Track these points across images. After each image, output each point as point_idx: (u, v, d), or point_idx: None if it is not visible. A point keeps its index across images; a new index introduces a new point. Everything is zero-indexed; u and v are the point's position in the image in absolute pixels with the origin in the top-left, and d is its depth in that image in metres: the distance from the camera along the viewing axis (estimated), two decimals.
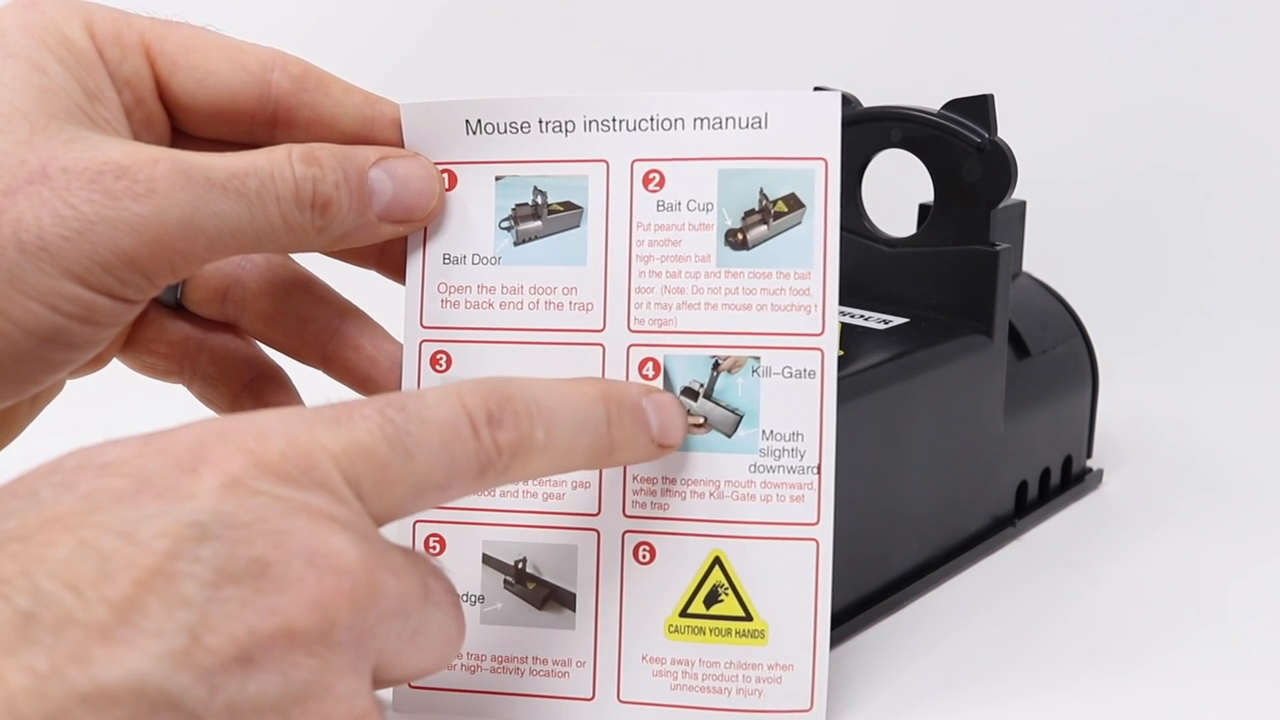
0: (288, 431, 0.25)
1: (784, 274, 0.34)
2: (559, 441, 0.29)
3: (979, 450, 0.45)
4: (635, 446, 0.32)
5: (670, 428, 0.33)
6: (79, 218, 0.29)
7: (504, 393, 0.28)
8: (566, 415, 0.29)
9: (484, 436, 0.27)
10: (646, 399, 0.32)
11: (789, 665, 0.34)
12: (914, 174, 0.46)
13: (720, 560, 0.34)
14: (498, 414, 0.28)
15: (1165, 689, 0.37)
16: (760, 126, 0.34)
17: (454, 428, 0.27)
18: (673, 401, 0.33)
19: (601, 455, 0.31)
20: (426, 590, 0.26)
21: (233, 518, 0.23)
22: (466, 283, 0.35)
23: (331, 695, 0.23)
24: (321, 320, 0.38)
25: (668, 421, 0.32)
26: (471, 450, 0.27)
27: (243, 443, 0.24)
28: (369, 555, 0.24)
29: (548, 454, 0.29)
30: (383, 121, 0.34)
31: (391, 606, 0.25)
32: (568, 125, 0.34)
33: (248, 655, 0.22)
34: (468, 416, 0.27)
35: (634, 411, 0.32)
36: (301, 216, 0.32)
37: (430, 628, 0.26)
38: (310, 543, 0.23)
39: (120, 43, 0.32)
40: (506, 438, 0.28)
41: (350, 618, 0.23)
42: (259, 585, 0.22)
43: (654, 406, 0.32)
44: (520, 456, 0.28)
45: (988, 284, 0.45)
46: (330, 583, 0.23)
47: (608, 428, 0.31)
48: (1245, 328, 0.69)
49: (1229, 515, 0.49)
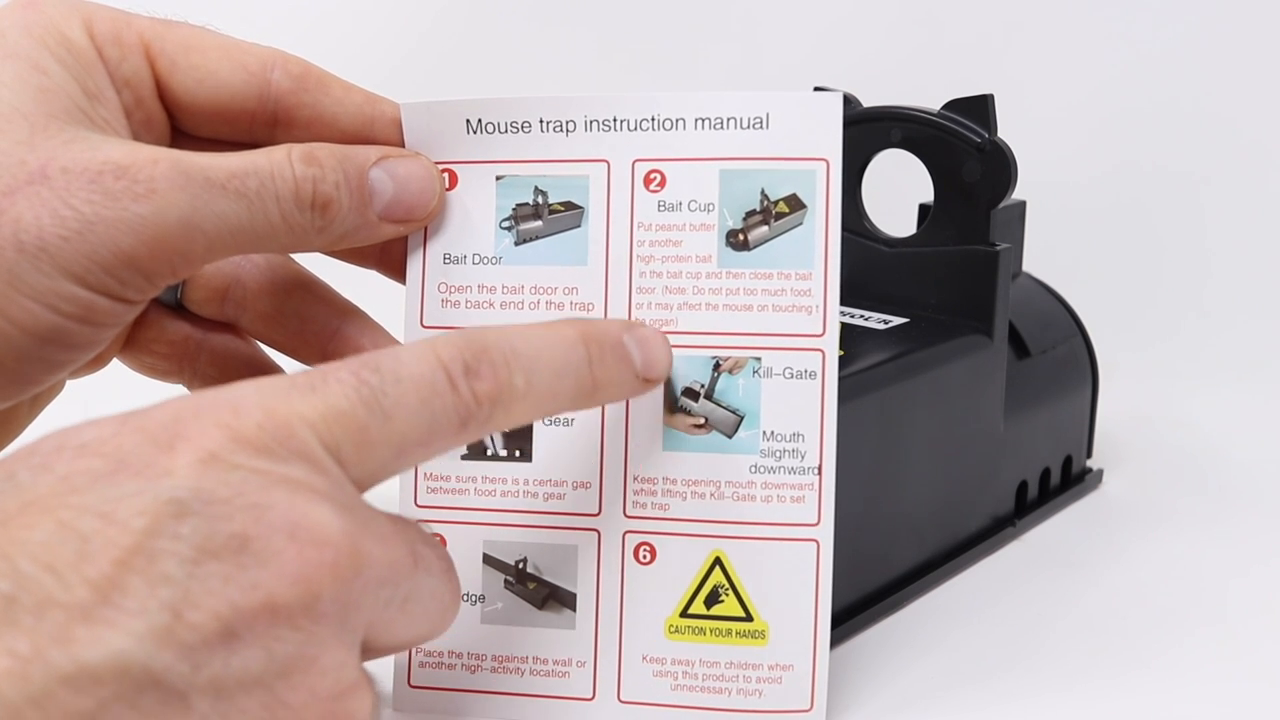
0: (264, 403, 0.25)
1: (785, 275, 0.34)
2: (540, 386, 0.29)
3: (979, 450, 0.45)
4: (620, 384, 0.31)
5: (654, 361, 0.32)
6: (79, 218, 0.29)
7: (480, 343, 0.28)
8: (546, 360, 0.29)
9: (462, 389, 0.27)
10: (627, 334, 0.31)
11: (789, 665, 0.34)
12: (914, 174, 0.46)
13: (721, 561, 0.34)
14: (474, 365, 0.27)
15: (1165, 689, 0.37)
16: (761, 127, 0.34)
17: (431, 383, 0.27)
18: (655, 334, 0.32)
19: (585, 396, 0.30)
20: (416, 557, 0.26)
21: (211, 493, 0.23)
22: (467, 282, 0.35)
23: (317, 668, 0.23)
24: (322, 320, 0.38)
25: (651, 355, 0.32)
26: (450, 404, 0.27)
27: (219, 417, 0.24)
28: (352, 525, 0.24)
29: (529, 400, 0.28)
30: (383, 121, 0.34)
31: (378, 576, 0.24)
32: (569, 125, 0.34)
33: (230, 631, 0.22)
34: (444, 370, 0.27)
35: (615, 348, 0.31)
36: (302, 216, 0.32)
37: (422, 594, 0.26)
38: (291, 516, 0.23)
39: (120, 42, 0.32)
40: (485, 388, 0.27)
41: (334, 589, 0.23)
42: (240, 560, 0.22)
43: (636, 341, 0.32)
44: (502, 405, 0.28)
45: (988, 284, 0.45)
46: (312, 555, 0.23)
47: (590, 368, 0.30)
48: (1245, 327, 0.69)
49: (1229, 515, 0.49)
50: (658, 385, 0.33)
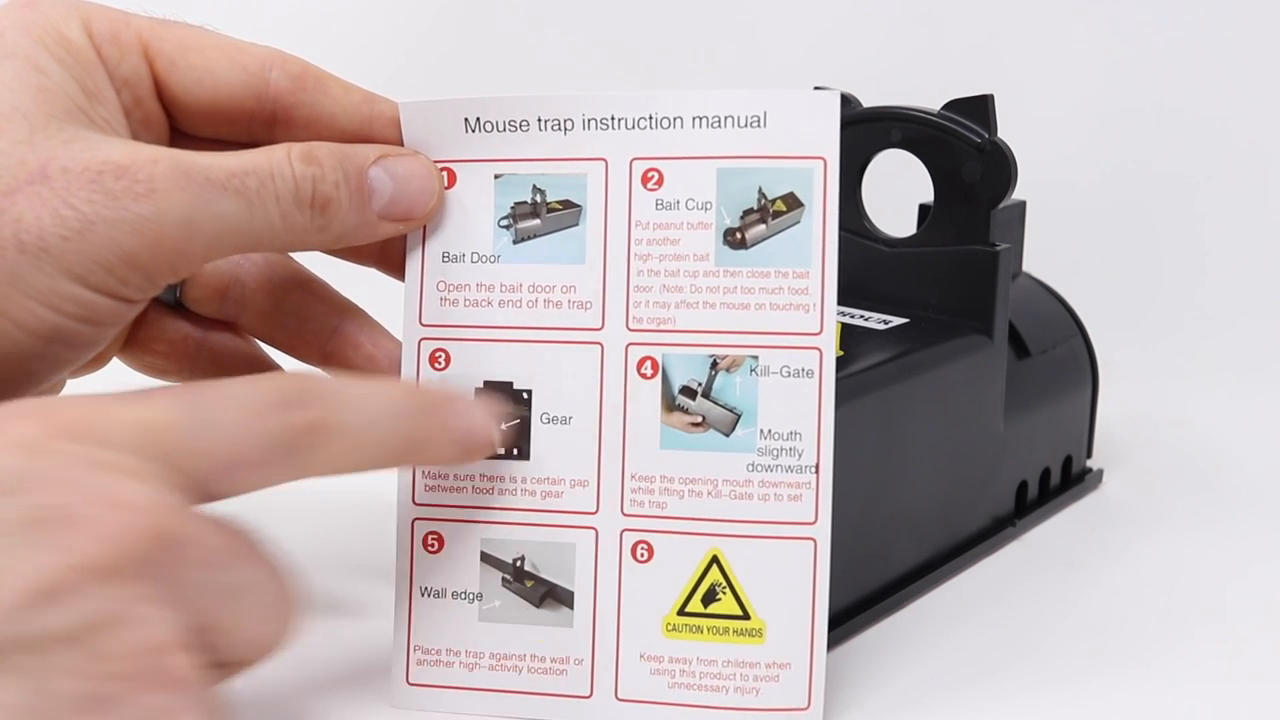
0: (85, 403, 0.26)
1: (782, 273, 0.34)
2: (364, 429, 0.29)
3: (979, 450, 0.45)
4: (443, 443, 0.32)
5: (477, 430, 0.32)
6: (79, 218, 0.29)
7: (308, 379, 0.29)
8: (370, 404, 0.30)
9: (290, 415, 0.28)
10: (456, 401, 0.32)
11: (786, 664, 0.34)
12: (914, 174, 0.46)
13: (718, 559, 0.34)
14: (303, 397, 0.28)
15: (1165, 689, 0.37)
16: (759, 125, 0.34)
17: (254, 404, 0.27)
18: (480, 406, 0.33)
19: (409, 448, 0.31)
20: (245, 548, 0.26)
21: (25, 472, 0.24)
22: (465, 281, 0.35)
23: (132, 622, 0.23)
24: (321, 318, 0.38)
25: (475, 424, 0.32)
26: (276, 427, 0.27)
27: (40, 412, 0.25)
28: (167, 501, 0.25)
29: (353, 440, 0.29)
30: (382, 120, 0.34)
31: (197, 554, 0.25)
32: (566, 124, 0.34)
33: (44, 591, 0.23)
34: (269, 396, 0.28)
35: (441, 408, 0.32)
36: (301, 216, 0.32)
37: (255, 589, 0.26)
38: (105, 488, 0.24)
39: (118, 42, 0.32)
40: (310, 418, 0.28)
41: (147, 550, 0.24)
42: (53, 527, 0.23)
43: (462, 409, 0.32)
44: (324, 435, 0.28)
45: (988, 284, 0.45)
46: (125, 518, 0.24)
47: (414, 421, 0.31)
48: (1246, 327, 0.69)
49: (1229, 515, 0.49)
50: (486, 455, 0.33)
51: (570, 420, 0.35)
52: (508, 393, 0.35)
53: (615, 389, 0.34)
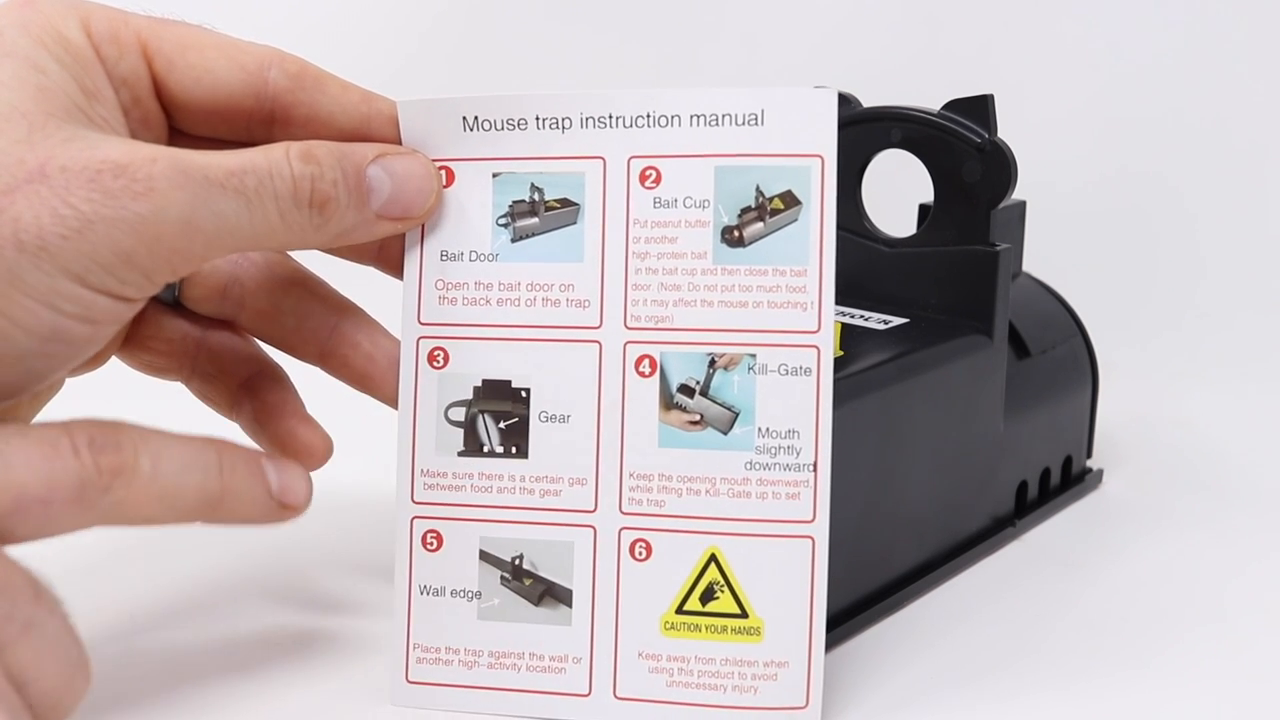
0: None
1: (780, 271, 0.34)
2: (165, 475, 0.29)
3: (979, 450, 0.45)
4: (250, 498, 0.32)
5: (291, 489, 0.32)
6: (78, 217, 0.29)
7: (113, 425, 0.29)
8: (175, 452, 0.30)
9: (84, 456, 0.28)
10: (266, 459, 0.32)
11: (784, 662, 0.34)
12: (914, 174, 0.46)
13: (716, 557, 0.34)
14: (100, 440, 0.29)
15: (1164, 688, 0.37)
16: (757, 123, 0.34)
17: (53, 442, 0.28)
18: (296, 466, 0.33)
19: (213, 501, 0.31)
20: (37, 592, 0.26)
21: None
22: (464, 279, 0.35)
23: None
24: (319, 317, 0.38)
25: (289, 482, 0.32)
26: (70, 467, 0.28)
27: None
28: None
29: (154, 485, 0.29)
30: (380, 119, 0.34)
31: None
32: (564, 122, 0.34)
33: None
34: (69, 438, 0.28)
35: (248, 463, 0.32)
36: (300, 215, 0.32)
37: (46, 631, 0.26)
38: None
39: (117, 41, 0.32)
40: (107, 460, 0.28)
41: None
42: None
43: (274, 466, 0.32)
44: (123, 479, 0.29)
45: (988, 284, 0.45)
46: None
47: (219, 472, 0.31)
48: (1245, 327, 0.69)
49: (1228, 515, 0.49)
50: (296, 514, 0.33)
51: (568, 419, 0.35)
52: (506, 391, 0.35)
53: (613, 387, 0.34)
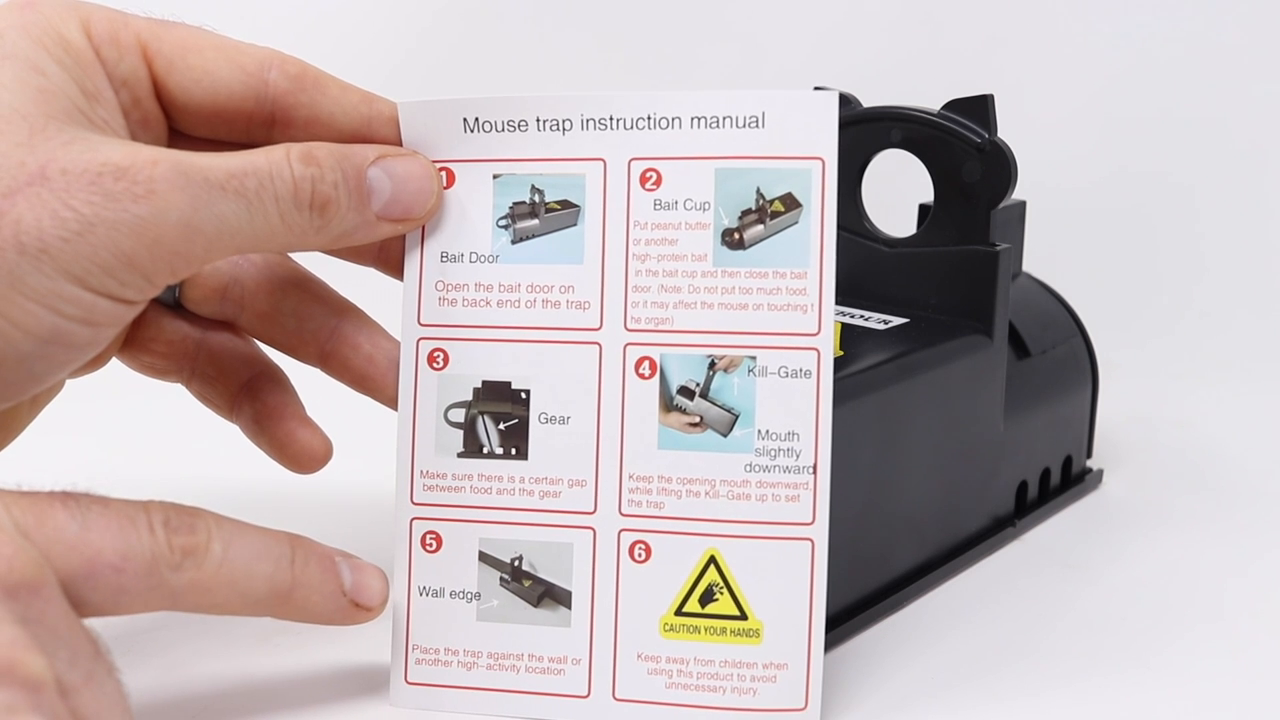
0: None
1: (780, 273, 0.34)
2: (236, 561, 0.30)
3: (979, 450, 0.45)
4: (321, 592, 0.32)
5: (366, 588, 0.33)
6: (79, 219, 0.29)
7: (189, 510, 0.30)
8: (248, 540, 0.31)
9: (159, 533, 0.29)
10: (341, 558, 0.33)
11: (783, 664, 0.34)
12: (914, 174, 0.46)
13: (715, 559, 0.34)
14: (176, 521, 0.29)
15: (1164, 688, 0.37)
16: (757, 126, 0.34)
17: (131, 517, 0.29)
18: (372, 568, 0.34)
19: (284, 592, 0.32)
20: (98, 651, 0.26)
21: None
22: (464, 281, 0.35)
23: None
24: (319, 318, 0.38)
25: (364, 581, 0.33)
26: (145, 540, 0.29)
27: None
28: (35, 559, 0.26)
29: (224, 570, 0.30)
30: (380, 120, 0.35)
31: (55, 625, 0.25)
32: (565, 124, 0.34)
33: None
34: (147, 515, 0.29)
35: (321, 559, 0.33)
36: (300, 216, 0.32)
37: (104, 685, 0.26)
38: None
39: (117, 43, 0.32)
40: (181, 540, 0.29)
41: (8, 581, 0.25)
42: None
43: (349, 564, 0.33)
44: (194, 558, 0.29)
45: (988, 284, 0.45)
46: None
47: (290, 564, 0.32)
48: (1245, 327, 0.69)
49: (1228, 515, 0.49)
50: (372, 615, 0.34)
51: (568, 420, 0.35)
52: (506, 392, 0.35)
53: (613, 389, 0.34)
